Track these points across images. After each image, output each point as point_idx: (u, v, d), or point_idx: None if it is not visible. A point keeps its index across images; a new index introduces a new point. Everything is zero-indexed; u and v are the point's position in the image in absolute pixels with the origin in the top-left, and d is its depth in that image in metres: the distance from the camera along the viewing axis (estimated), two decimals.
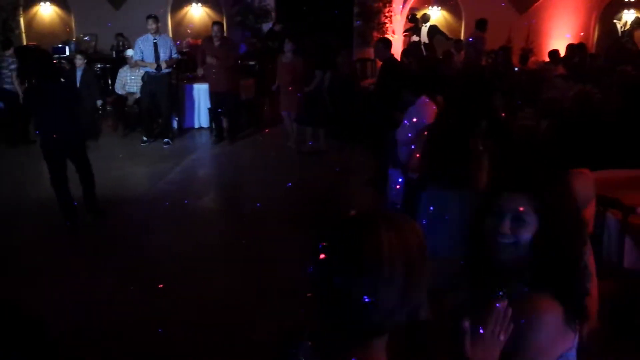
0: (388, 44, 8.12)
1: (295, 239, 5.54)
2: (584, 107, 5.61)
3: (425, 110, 4.40)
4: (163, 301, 4.45)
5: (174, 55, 9.42)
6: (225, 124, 9.77)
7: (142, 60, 9.23)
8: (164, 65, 9.19)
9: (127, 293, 4.61)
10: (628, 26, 13.98)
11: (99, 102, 9.64)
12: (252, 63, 11.39)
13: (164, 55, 9.18)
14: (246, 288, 4.69)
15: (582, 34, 13.68)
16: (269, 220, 6.14)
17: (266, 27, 12.55)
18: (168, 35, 10.06)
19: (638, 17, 14.00)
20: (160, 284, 4.70)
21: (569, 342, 1.68)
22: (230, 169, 8.48)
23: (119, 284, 4.80)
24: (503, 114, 6.52)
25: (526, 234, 1.67)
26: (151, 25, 9.09)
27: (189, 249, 5.52)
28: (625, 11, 14.10)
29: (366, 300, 1.21)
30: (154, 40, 9.14)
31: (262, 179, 7.51)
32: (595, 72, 8.51)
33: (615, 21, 14.12)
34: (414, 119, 4.38)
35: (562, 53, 10.84)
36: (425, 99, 4.46)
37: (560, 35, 12.39)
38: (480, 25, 11.53)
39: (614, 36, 13.77)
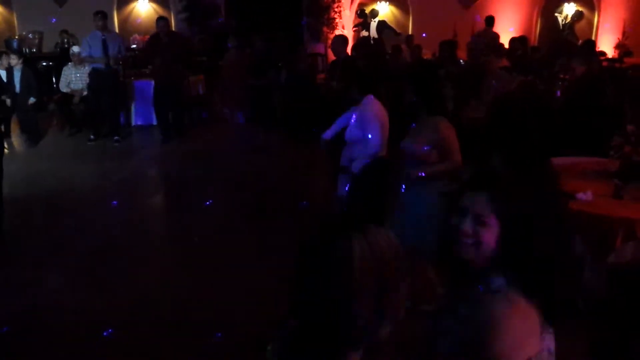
0: (345, 40, 8.12)
1: (245, 234, 5.62)
2: (528, 96, 5.79)
3: (370, 109, 4.43)
4: (113, 298, 4.40)
5: (122, 53, 9.27)
6: (171, 119, 9.65)
7: (91, 56, 9.04)
8: (112, 62, 9.03)
9: (76, 292, 4.54)
10: (569, 19, 14.44)
11: (31, 100, 9.30)
12: (202, 59, 11.30)
13: (112, 51, 9.02)
14: (199, 284, 4.67)
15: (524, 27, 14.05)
16: (220, 216, 6.12)
17: (215, 23, 12.46)
18: (116, 32, 9.90)
19: (578, 10, 14.47)
20: (111, 281, 4.69)
21: (541, 345, 1.62)
22: (180, 166, 8.39)
23: (68, 284, 4.72)
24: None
25: (487, 236, 1.62)
26: (98, 21, 8.92)
27: (139, 247, 5.46)
28: (566, 4, 14.55)
29: (339, 314, 1.20)
30: (103, 37, 8.97)
31: (211, 175, 7.46)
32: (537, 64, 8.76)
33: (556, 14, 14.56)
34: (359, 119, 4.41)
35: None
36: (370, 97, 4.48)
37: (503, 29, 12.67)
38: (490, 21, 11.69)
39: (556, 29, 14.20)
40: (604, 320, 3.39)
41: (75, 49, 9.97)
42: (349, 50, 8.50)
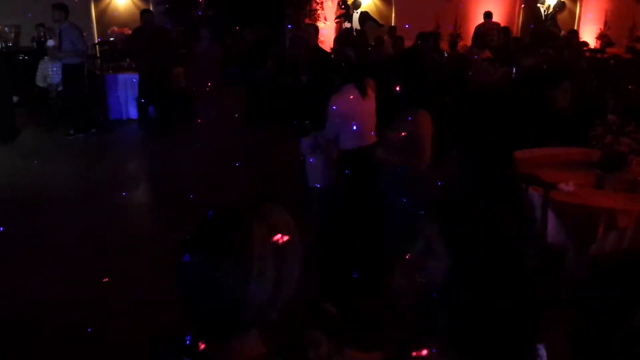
0: (317, 29, 8.04)
1: None
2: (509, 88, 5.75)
3: (345, 98, 4.35)
4: (94, 295, 4.30)
5: (78, 46, 9.08)
6: (154, 114, 9.54)
7: (53, 48, 8.94)
8: (62, 55, 8.90)
9: (57, 289, 4.44)
10: (551, 10, 14.46)
11: (15, 99, 9.18)
12: (182, 51, 11.15)
13: (64, 45, 8.87)
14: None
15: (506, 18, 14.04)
16: (200, 212, 6.02)
17: (194, 15, 12.29)
18: (75, 25, 9.67)
19: (560, 1, 14.49)
20: (92, 278, 4.59)
21: None
22: (160, 161, 8.27)
23: (49, 281, 4.62)
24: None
25: (434, 269, 1.35)
26: (54, 14, 8.84)
27: (120, 243, 5.37)
28: None
29: (235, 296, 1.19)
30: (59, 30, 8.87)
31: (192, 170, 7.35)
32: (520, 54, 8.73)
33: (538, 5, 14.57)
34: (336, 107, 4.34)
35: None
36: (350, 86, 4.41)
37: (493, 17, 12.65)
38: (488, 14, 11.70)
39: (538, 20, 14.21)
40: (586, 309, 3.37)
41: (50, 42, 9.81)
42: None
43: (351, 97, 4.31)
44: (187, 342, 1.29)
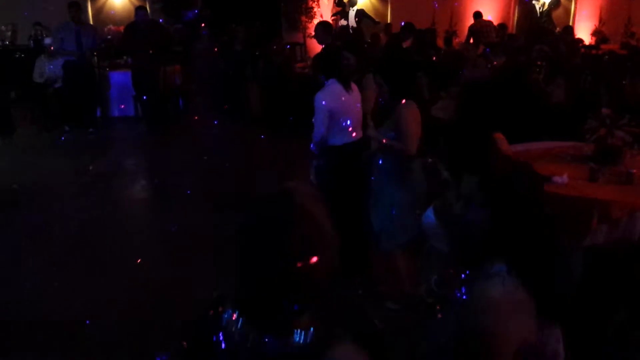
0: (328, 28, 8.02)
1: (223, 225, 5.54)
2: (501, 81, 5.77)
3: (328, 92, 4.37)
4: (90, 291, 4.36)
5: (96, 45, 9.16)
6: (150, 110, 9.55)
7: (63, 49, 8.91)
8: (87, 54, 8.92)
9: (53, 285, 4.46)
10: (546, 7, 14.50)
11: (12, 94, 9.21)
12: (178, 49, 11.16)
13: (86, 43, 8.89)
14: (178, 276, 4.62)
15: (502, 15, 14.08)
16: (198, 207, 6.07)
17: (191, 13, 12.30)
18: (90, 23, 9.78)
19: None
20: (88, 274, 4.65)
21: (540, 339, 1.61)
22: (158, 158, 8.31)
23: (45, 277, 4.65)
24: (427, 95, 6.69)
25: (477, 219, 1.62)
26: (73, 13, 8.81)
27: (117, 239, 5.40)
28: None
29: (298, 273, 1.21)
30: (76, 29, 8.84)
31: (188, 167, 7.39)
32: (514, 51, 8.77)
33: (534, 2, 14.61)
34: (323, 102, 4.35)
35: None
36: (333, 81, 4.42)
37: (483, 16, 12.69)
38: (478, 14, 11.79)
39: (533, 17, 14.25)
40: (579, 301, 3.40)
41: (47, 41, 9.83)
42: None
43: (336, 91, 4.33)
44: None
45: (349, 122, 4.34)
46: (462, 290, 1.67)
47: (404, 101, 3.84)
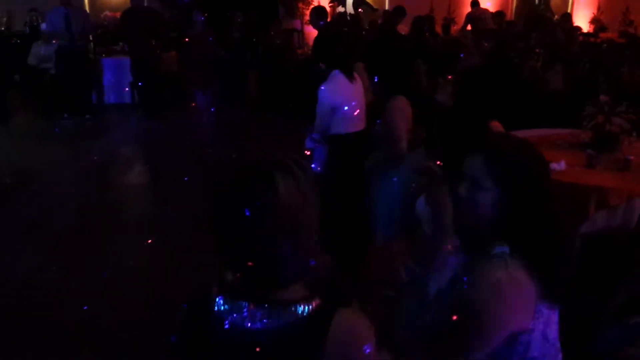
0: (321, 12, 7.96)
1: None
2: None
3: (333, 84, 4.33)
4: (87, 277, 4.35)
5: (87, 30, 9.08)
6: (147, 97, 9.51)
7: (54, 32, 8.85)
8: (77, 38, 8.85)
9: (49, 271, 4.47)
10: None
11: (17, 77, 9.18)
12: (173, 35, 11.09)
13: (76, 28, 8.82)
14: (174, 263, 4.61)
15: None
16: (196, 194, 6.04)
17: None
18: (81, 8, 9.71)
19: None
20: (85, 261, 4.64)
21: (533, 324, 1.58)
22: (155, 145, 8.27)
23: (41, 263, 4.66)
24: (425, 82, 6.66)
25: (484, 200, 1.60)
26: None
27: (114, 226, 5.40)
28: None
29: (269, 251, 1.23)
30: (65, 12, 8.78)
31: (185, 154, 7.36)
32: (513, 38, 8.74)
33: None
34: (323, 94, 4.31)
35: None
36: (336, 72, 4.38)
37: (481, 4, 12.62)
38: (475, 2, 11.77)
39: (531, 4, 14.19)
40: (575, 289, 3.42)
41: (44, 26, 9.78)
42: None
43: (341, 83, 4.29)
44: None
45: (352, 113, 4.31)
46: (459, 270, 1.66)
47: (394, 97, 3.80)
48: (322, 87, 4.25)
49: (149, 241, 4.59)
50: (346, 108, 4.26)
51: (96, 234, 5.23)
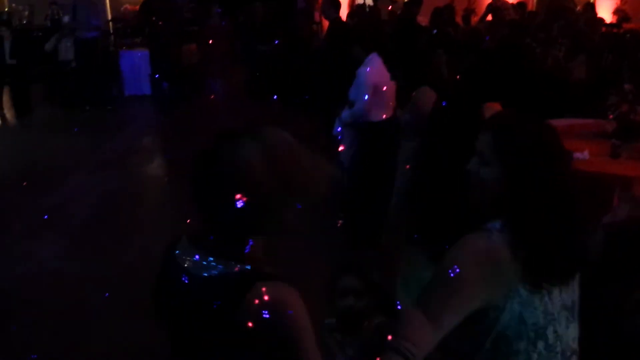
0: (335, 3, 7.92)
1: None
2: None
3: (375, 66, 4.33)
4: (110, 265, 4.41)
5: (94, 21, 9.14)
6: (167, 89, 9.57)
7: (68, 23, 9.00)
8: (83, 29, 8.96)
9: (72, 260, 4.58)
10: None
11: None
12: (193, 28, 11.13)
13: (81, 17, 8.92)
14: None
15: None
16: None
17: None
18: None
19: None
20: (107, 249, 4.69)
21: (498, 298, 1.57)
22: (174, 137, 8.30)
23: (64, 252, 4.76)
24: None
25: (487, 175, 1.61)
26: None
27: (135, 215, 5.44)
28: None
29: (238, 205, 1.31)
30: (74, 3, 8.93)
31: (205, 146, 7.37)
32: (534, 28, 8.65)
33: None
34: (365, 76, 4.32)
35: None
36: (375, 55, 4.39)
37: None
38: None
39: None
40: (599, 280, 3.38)
41: (66, 18, 9.86)
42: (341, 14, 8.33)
43: (379, 65, 4.29)
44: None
45: (390, 97, 4.31)
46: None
47: (419, 88, 3.77)
48: (362, 69, 4.25)
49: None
50: (385, 88, 4.25)
51: (117, 224, 5.27)
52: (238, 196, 1.31)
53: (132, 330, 3.69)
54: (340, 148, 4.63)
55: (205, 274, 1.36)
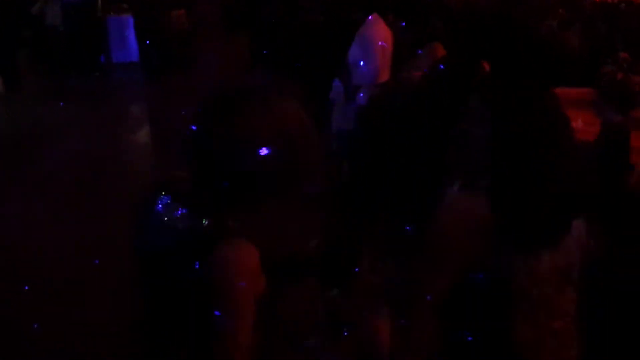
0: None
1: None
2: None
3: (376, 28, 4.24)
4: (100, 231, 4.40)
5: None
6: (155, 56, 9.41)
7: None
8: None
9: (62, 224, 4.57)
10: None
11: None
12: None
13: None
14: None
15: None
16: None
17: None
18: None
19: None
20: (97, 214, 4.70)
21: (479, 257, 1.58)
22: (163, 103, 8.20)
23: (53, 216, 4.71)
24: None
25: (478, 133, 1.63)
26: None
27: (124, 181, 5.40)
28: None
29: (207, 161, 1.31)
30: None
31: (191, 112, 7.29)
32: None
33: None
34: (364, 38, 4.23)
35: None
36: (375, 16, 4.29)
37: None
38: None
39: None
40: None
41: None
42: None
43: (382, 26, 4.20)
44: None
45: (388, 61, 4.24)
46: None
47: (432, 44, 3.71)
48: (366, 30, 4.17)
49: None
50: (390, 50, 4.18)
51: (105, 191, 5.22)
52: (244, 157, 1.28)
53: (121, 298, 3.67)
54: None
55: (180, 226, 1.36)
